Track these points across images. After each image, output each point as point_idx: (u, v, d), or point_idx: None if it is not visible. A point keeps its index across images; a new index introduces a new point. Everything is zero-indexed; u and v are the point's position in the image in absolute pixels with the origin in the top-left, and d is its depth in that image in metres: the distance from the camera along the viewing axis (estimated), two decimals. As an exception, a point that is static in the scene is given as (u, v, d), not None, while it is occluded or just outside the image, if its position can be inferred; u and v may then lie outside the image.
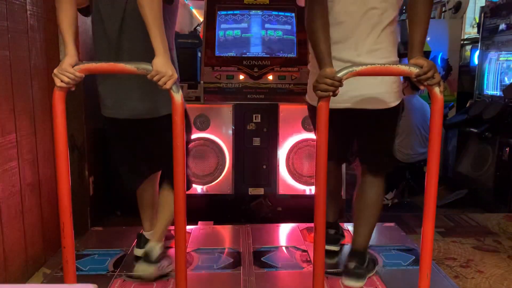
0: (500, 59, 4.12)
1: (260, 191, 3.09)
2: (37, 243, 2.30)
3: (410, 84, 3.86)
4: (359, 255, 2.04)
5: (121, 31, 1.89)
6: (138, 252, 2.24)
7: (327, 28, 1.74)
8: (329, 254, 2.18)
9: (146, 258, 2.04)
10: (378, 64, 1.66)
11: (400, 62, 2.01)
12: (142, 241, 2.26)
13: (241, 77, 3.00)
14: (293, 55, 3.04)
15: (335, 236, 2.37)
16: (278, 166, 3.08)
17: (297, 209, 2.99)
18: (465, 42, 5.45)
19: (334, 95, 1.58)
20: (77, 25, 1.71)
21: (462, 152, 4.42)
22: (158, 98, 1.93)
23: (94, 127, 2.93)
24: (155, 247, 2.06)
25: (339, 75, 1.56)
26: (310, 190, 3.06)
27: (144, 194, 2.26)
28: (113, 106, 2.00)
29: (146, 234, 2.29)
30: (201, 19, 3.54)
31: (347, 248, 2.34)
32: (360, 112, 1.90)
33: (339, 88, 1.59)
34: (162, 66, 1.57)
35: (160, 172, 2.26)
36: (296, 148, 3.06)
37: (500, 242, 2.82)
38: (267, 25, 3.08)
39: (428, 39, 4.81)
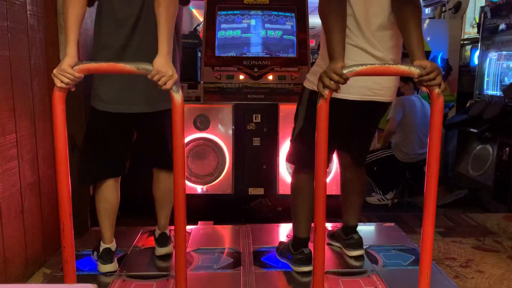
0: (500, 59, 4.13)
1: (260, 191, 3.09)
2: (37, 243, 2.30)
3: (413, 84, 3.87)
4: (355, 229, 2.32)
5: (135, 29, 1.88)
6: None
7: (343, 14, 1.66)
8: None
9: (161, 243, 2.27)
10: (379, 64, 1.66)
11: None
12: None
13: (241, 77, 2.99)
14: (293, 55, 3.04)
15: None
16: (278, 166, 3.07)
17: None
18: (465, 42, 5.46)
19: (335, 90, 1.57)
20: (81, 24, 1.71)
21: (462, 152, 4.42)
22: (157, 92, 1.81)
23: (94, 127, 2.93)
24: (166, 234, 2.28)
25: (345, 71, 1.54)
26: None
27: (111, 198, 2.08)
28: (110, 101, 1.95)
29: (110, 246, 2.13)
30: (201, 19, 3.54)
31: None
32: (368, 104, 1.93)
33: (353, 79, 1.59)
34: (163, 66, 1.58)
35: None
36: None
37: (500, 242, 2.82)
38: (267, 25, 3.08)
39: (428, 39, 4.84)
